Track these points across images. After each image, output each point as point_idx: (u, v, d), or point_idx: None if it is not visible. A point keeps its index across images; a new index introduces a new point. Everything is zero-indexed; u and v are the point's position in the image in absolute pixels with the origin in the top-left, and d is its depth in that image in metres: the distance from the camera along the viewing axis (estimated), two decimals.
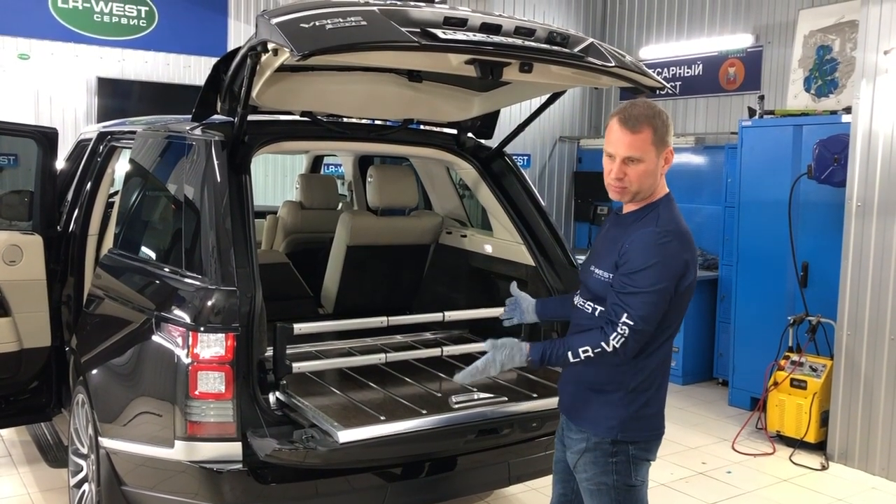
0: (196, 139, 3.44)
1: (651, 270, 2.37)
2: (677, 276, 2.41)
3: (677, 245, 2.43)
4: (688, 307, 2.57)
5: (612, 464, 2.53)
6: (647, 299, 2.37)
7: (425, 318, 3.84)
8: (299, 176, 5.50)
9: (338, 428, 2.82)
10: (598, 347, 2.42)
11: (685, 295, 2.49)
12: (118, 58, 8.57)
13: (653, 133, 2.45)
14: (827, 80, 6.48)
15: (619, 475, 2.53)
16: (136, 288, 3.61)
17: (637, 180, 2.48)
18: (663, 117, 2.49)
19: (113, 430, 3.44)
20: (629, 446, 2.53)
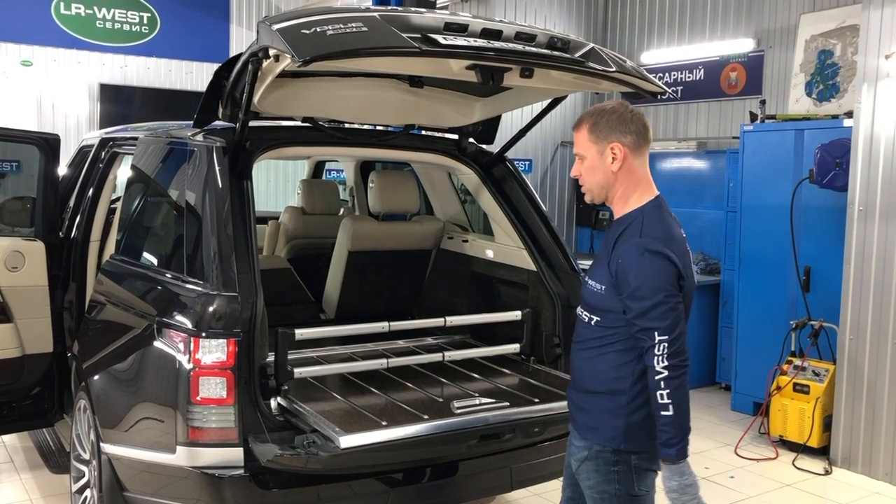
0: (198, 145, 3.45)
1: (649, 283, 2.37)
2: (673, 279, 2.40)
3: (664, 251, 2.40)
4: (689, 312, 2.55)
5: (615, 472, 2.49)
6: (662, 308, 2.35)
7: (427, 323, 3.84)
8: (301, 181, 5.51)
9: (339, 433, 2.82)
10: (658, 379, 2.35)
11: (684, 297, 2.47)
12: (120, 64, 8.60)
13: (588, 129, 2.50)
14: (828, 85, 6.48)
15: (621, 484, 2.49)
16: (138, 294, 3.61)
17: (586, 177, 2.53)
18: (607, 113, 2.49)
19: (115, 436, 3.44)
20: (632, 456, 2.48)
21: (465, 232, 4.60)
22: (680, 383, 2.37)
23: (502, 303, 4.15)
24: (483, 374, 3.78)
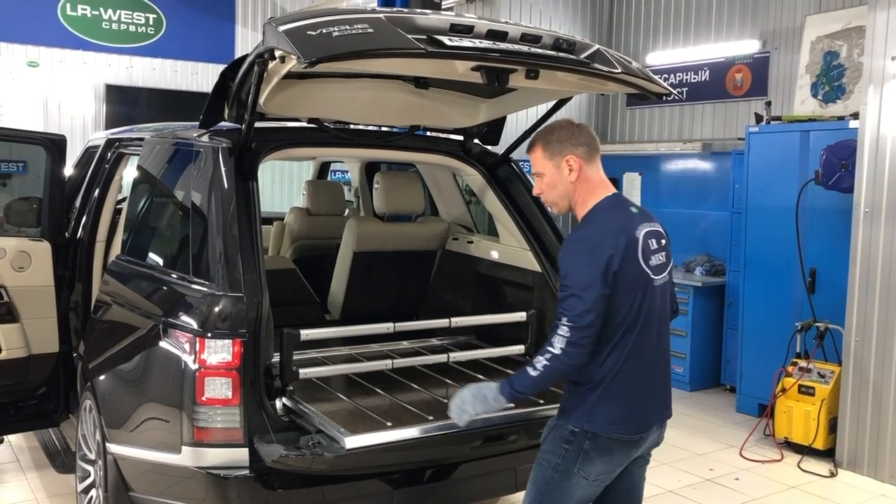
0: (203, 146, 3.45)
1: (575, 273, 2.56)
2: (602, 271, 2.53)
3: (593, 244, 2.58)
4: (643, 303, 2.62)
5: (564, 448, 2.66)
6: (578, 299, 2.53)
7: (432, 324, 3.85)
8: (306, 182, 5.52)
9: (344, 434, 2.82)
10: (549, 354, 2.56)
11: (623, 288, 2.57)
12: (126, 65, 8.61)
13: (542, 148, 2.76)
14: (834, 86, 6.47)
15: (564, 459, 2.66)
16: (144, 294, 3.62)
17: (547, 192, 2.78)
18: (557, 130, 2.75)
19: (120, 436, 3.45)
20: (586, 440, 2.62)
21: (470, 233, 4.60)
22: (559, 367, 2.57)
23: (507, 304, 4.15)
24: (488, 374, 3.78)
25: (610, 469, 2.72)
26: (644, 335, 2.65)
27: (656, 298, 2.69)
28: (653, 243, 2.68)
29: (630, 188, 8.60)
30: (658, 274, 2.69)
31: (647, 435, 2.75)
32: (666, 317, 2.81)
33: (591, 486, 2.73)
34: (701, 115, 8.15)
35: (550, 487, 2.71)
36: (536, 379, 2.59)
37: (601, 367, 2.61)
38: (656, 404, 2.77)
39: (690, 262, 7.75)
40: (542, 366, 2.57)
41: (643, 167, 8.48)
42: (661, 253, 2.71)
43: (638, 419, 2.69)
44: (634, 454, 2.77)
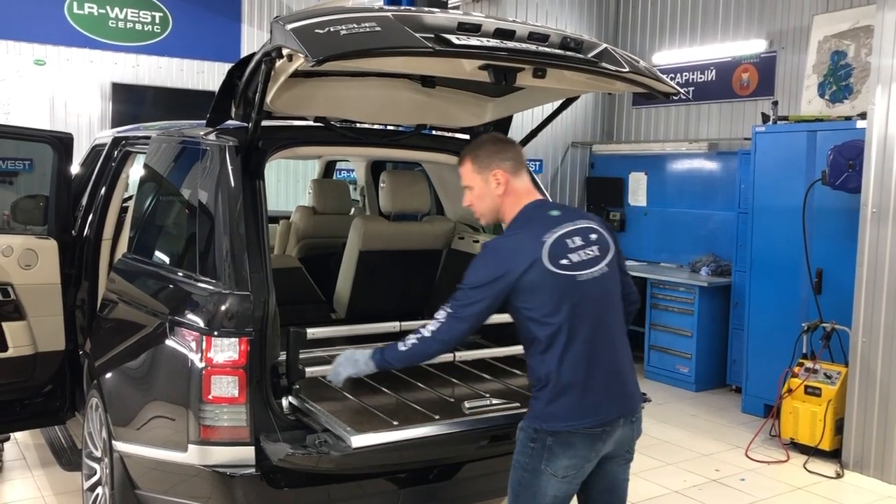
0: (210, 144, 3.45)
1: (472, 273, 2.73)
2: (496, 274, 2.68)
3: (497, 257, 2.72)
4: (574, 302, 2.69)
5: (530, 448, 2.72)
6: (464, 293, 2.71)
7: None
8: (312, 181, 5.51)
9: (350, 433, 2.82)
10: (419, 335, 2.75)
11: (540, 295, 2.67)
12: (132, 63, 8.62)
13: (471, 162, 2.89)
14: (841, 86, 6.45)
15: (530, 458, 2.72)
16: (150, 292, 3.62)
17: (476, 204, 2.93)
18: (484, 145, 2.92)
19: (126, 434, 3.46)
20: (547, 437, 2.68)
21: (476, 232, 4.59)
22: (424, 349, 2.76)
23: None
24: (494, 374, 3.78)
25: (577, 464, 2.73)
26: (583, 330, 2.70)
27: (591, 292, 2.74)
28: (574, 241, 2.75)
29: (636, 188, 8.60)
30: (586, 268, 2.75)
31: (611, 429, 2.74)
32: (612, 306, 2.83)
33: (563, 483, 2.75)
34: (707, 114, 8.13)
35: (523, 488, 2.75)
36: (403, 354, 2.78)
37: (547, 368, 2.69)
38: (612, 396, 2.75)
39: (696, 262, 7.74)
40: (410, 343, 2.76)
41: (649, 167, 8.48)
42: (590, 247, 2.78)
43: (593, 412, 2.70)
44: (602, 448, 2.76)
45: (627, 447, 2.89)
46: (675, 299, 7.45)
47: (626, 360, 2.86)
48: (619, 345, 2.84)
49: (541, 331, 2.70)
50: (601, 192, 8.98)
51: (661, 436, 6.01)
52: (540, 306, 2.69)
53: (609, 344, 2.79)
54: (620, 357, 2.83)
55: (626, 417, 2.80)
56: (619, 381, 2.80)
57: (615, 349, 2.81)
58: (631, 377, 2.87)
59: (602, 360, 2.74)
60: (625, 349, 2.87)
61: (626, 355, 2.87)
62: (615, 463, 2.90)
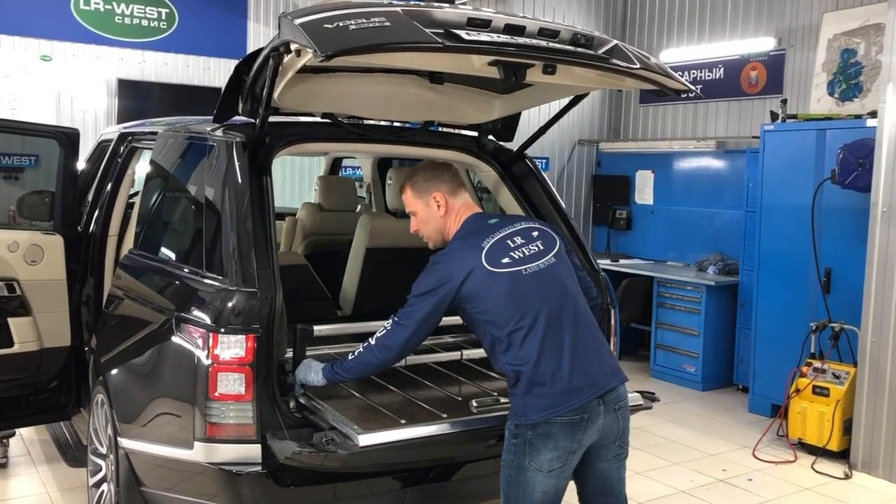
0: (217, 140, 3.43)
1: (417, 283, 2.91)
2: (436, 283, 2.85)
3: (436, 262, 2.91)
4: (523, 297, 2.79)
5: (513, 444, 2.77)
6: (409, 301, 2.91)
7: (447, 320, 3.81)
8: (318, 178, 5.49)
9: (358, 431, 2.80)
10: (366, 343, 2.95)
11: (485, 299, 2.80)
12: (138, 59, 8.60)
13: (410, 189, 3.12)
14: (851, 84, 6.40)
15: (514, 455, 2.77)
16: (156, 288, 3.60)
17: (422, 229, 3.16)
18: (420, 171, 3.12)
19: (132, 431, 3.44)
20: (527, 431, 2.72)
21: None
22: (369, 358, 2.95)
23: None
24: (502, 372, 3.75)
25: (560, 456, 2.74)
26: (540, 321, 2.76)
27: (541, 282, 2.84)
28: (515, 241, 2.90)
29: (643, 186, 8.57)
30: (531, 262, 2.87)
31: (589, 416, 2.74)
32: (568, 293, 2.89)
33: (550, 478, 2.76)
34: (715, 112, 8.10)
35: (512, 486, 2.79)
36: (350, 363, 2.97)
37: (512, 365, 2.76)
38: (582, 379, 2.75)
39: (703, 261, 7.70)
40: (357, 352, 2.96)
41: (656, 165, 8.44)
42: (532, 243, 2.92)
43: (566, 398, 2.71)
44: (583, 437, 2.75)
45: (616, 440, 2.88)
46: (682, 298, 7.42)
47: (594, 343, 2.88)
48: (583, 329, 2.86)
49: (498, 331, 2.79)
50: (607, 190, 8.94)
51: (668, 435, 5.98)
52: (491, 308, 2.80)
53: (572, 329, 2.82)
54: (586, 339, 2.84)
55: (604, 402, 2.78)
56: (587, 364, 2.80)
57: (578, 333, 2.83)
58: (602, 358, 2.87)
59: (566, 346, 2.78)
60: (590, 332, 2.89)
61: (594, 337, 2.89)
62: (605, 461, 2.89)
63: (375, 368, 3.03)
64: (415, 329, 2.89)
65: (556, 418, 2.71)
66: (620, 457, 2.92)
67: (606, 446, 2.86)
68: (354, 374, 3.03)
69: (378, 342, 2.93)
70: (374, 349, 2.94)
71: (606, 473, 2.90)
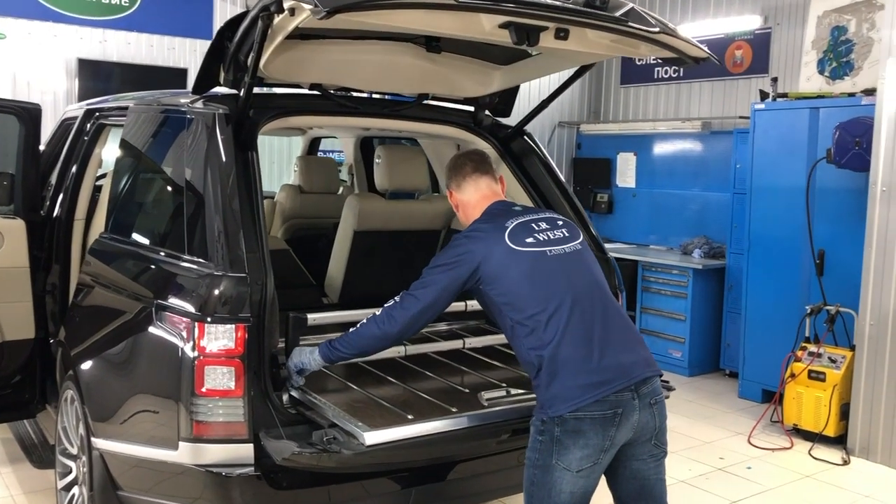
0: (198, 112, 3.15)
1: (435, 258, 2.76)
2: (455, 256, 2.68)
3: (457, 239, 2.75)
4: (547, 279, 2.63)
5: (539, 441, 2.55)
6: (423, 274, 2.73)
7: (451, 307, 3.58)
8: (298, 158, 5.22)
9: (363, 428, 2.55)
10: (372, 315, 2.75)
11: (508, 280, 2.62)
12: (99, 38, 8.20)
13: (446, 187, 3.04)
14: (842, 62, 6.26)
15: (540, 453, 2.54)
16: (132, 275, 3.32)
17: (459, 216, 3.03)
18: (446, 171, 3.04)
19: (108, 430, 3.16)
20: (555, 427, 2.50)
21: None
22: (373, 330, 2.73)
23: None
24: (504, 361, 3.53)
25: (591, 455, 2.52)
26: (565, 304, 2.58)
27: (566, 266, 2.68)
28: (539, 225, 2.76)
29: (624, 168, 8.40)
30: (556, 245, 2.72)
31: (623, 411, 2.53)
32: (595, 278, 2.74)
33: (579, 479, 2.54)
34: (699, 93, 7.94)
35: (536, 487, 2.57)
36: (350, 337, 2.76)
37: (535, 351, 2.55)
38: (612, 365, 2.55)
39: (688, 245, 7.55)
40: (360, 324, 2.75)
41: (638, 147, 8.27)
42: (557, 230, 2.78)
43: (595, 385, 2.50)
44: (616, 435, 2.54)
45: (652, 437, 2.66)
46: (667, 282, 7.27)
47: (626, 332, 2.69)
48: (613, 317, 2.68)
49: (518, 314, 2.59)
50: (588, 172, 8.76)
51: None
52: (512, 290, 2.61)
53: (601, 317, 2.63)
54: (616, 328, 2.65)
55: (639, 396, 2.57)
56: (618, 352, 2.60)
57: (608, 321, 2.64)
58: (634, 348, 2.67)
59: (595, 332, 2.58)
60: (621, 320, 2.71)
61: (625, 327, 2.71)
62: (641, 460, 2.68)
63: (377, 342, 2.77)
64: (427, 302, 2.69)
65: (587, 412, 2.49)
66: (657, 456, 2.70)
67: (641, 444, 2.64)
68: (355, 349, 2.79)
69: (384, 312, 2.73)
70: (378, 320, 2.73)
71: (643, 474, 2.68)
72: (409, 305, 2.70)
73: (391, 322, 2.70)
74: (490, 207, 2.86)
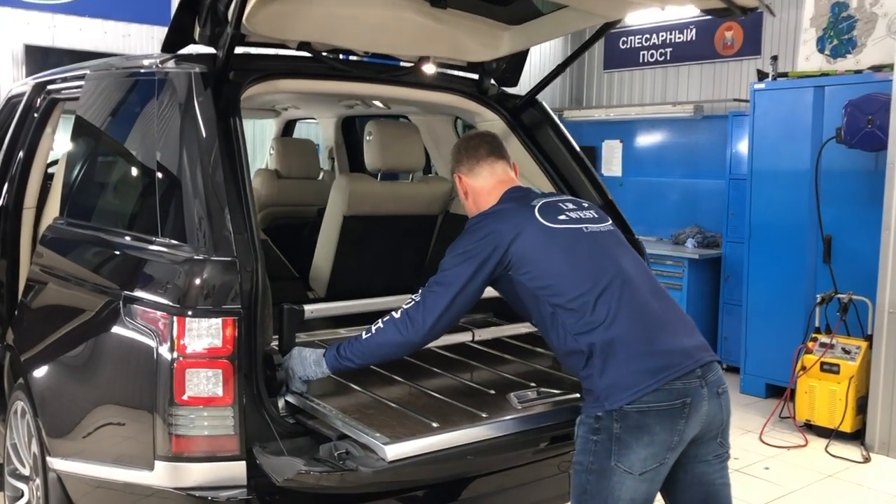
0: (171, 73, 2.69)
1: (453, 246, 2.41)
2: (482, 236, 2.35)
3: (477, 222, 2.43)
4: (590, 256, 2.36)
5: (593, 442, 2.21)
6: (444, 267, 2.36)
7: None
8: (274, 140, 4.76)
9: (381, 440, 2.12)
10: (387, 317, 2.36)
11: (525, 257, 2.32)
12: (48, 24, 7.64)
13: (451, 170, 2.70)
14: (843, 40, 5.97)
15: (595, 456, 2.20)
16: (93, 265, 2.85)
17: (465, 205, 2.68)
18: (452, 153, 2.70)
19: (66, 447, 2.69)
20: (613, 423, 2.16)
21: None
22: (390, 336, 2.33)
23: None
24: (520, 356, 3.13)
25: (656, 454, 2.17)
26: (614, 282, 2.29)
27: (604, 243, 2.42)
28: (566, 205, 2.50)
29: (610, 156, 8.06)
30: (592, 224, 2.46)
31: (692, 401, 2.18)
32: (634, 257, 2.48)
33: (641, 483, 2.19)
34: (687, 77, 7.63)
35: (590, 496, 2.22)
36: (364, 344, 2.36)
37: (584, 338, 2.23)
38: (678, 352, 2.23)
39: (679, 235, 7.23)
40: (375, 328, 2.36)
41: (624, 134, 7.93)
42: (584, 211, 2.51)
43: (658, 372, 2.16)
44: (685, 429, 2.19)
45: (718, 434, 2.31)
46: (661, 273, 6.90)
47: (678, 311, 2.41)
48: (664, 298, 2.39)
49: (558, 298, 2.27)
50: None
51: None
52: (549, 271, 2.31)
53: (651, 293, 2.33)
54: (669, 306, 2.37)
55: (707, 383, 2.22)
56: (676, 331, 2.28)
57: (660, 299, 2.33)
58: (690, 329, 2.36)
59: (649, 310, 2.29)
60: (671, 303, 2.40)
61: (676, 306, 2.42)
62: (705, 462, 2.33)
63: (397, 350, 2.39)
64: (451, 299, 2.31)
65: (651, 404, 2.14)
66: (722, 457, 2.36)
67: (707, 443, 2.29)
68: (369, 360, 2.41)
69: (403, 315, 2.34)
70: (399, 324, 2.33)
71: (708, 478, 2.33)
72: (431, 304, 2.32)
73: (413, 326, 2.32)
74: (507, 192, 2.55)
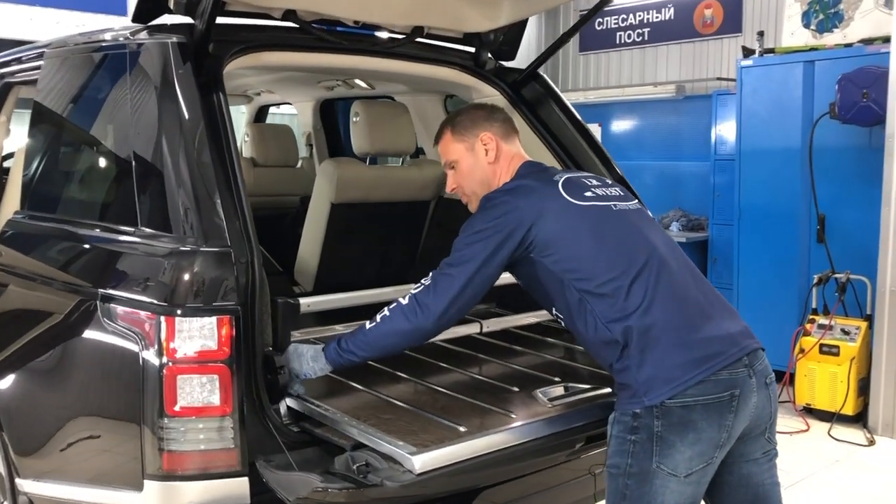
0: (145, 44, 2.41)
1: (467, 225, 2.18)
2: (500, 213, 2.13)
3: (494, 198, 2.20)
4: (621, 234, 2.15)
5: (631, 442, 2.00)
6: (458, 247, 2.15)
7: None
8: (249, 126, 4.48)
9: (405, 448, 1.87)
10: (394, 304, 2.15)
11: (550, 238, 2.10)
12: (27, 16, 7.28)
13: (451, 132, 2.38)
14: (829, 14, 5.85)
15: (633, 458, 2.00)
16: (61, 262, 2.56)
17: (464, 183, 2.36)
18: (466, 111, 2.44)
19: (38, 467, 2.41)
20: (654, 420, 1.96)
21: None
22: (398, 327, 2.11)
23: None
24: (535, 348, 2.91)
25: (704, 452, 1.98)
26: (651, 264, 2.08)
27: (635, 222, 2.22)
28: (590, 181, 2.30)
29: None
30: (620, 201, 2.25)
31: (741, 392, 1.99)
32: (672, 242, 2.27)
33: (687, 486, 1.99)
34: (665, 57, 7.46)
35: (629, 501, 2.01)
36: (368, 335, 2.14)
37: (619, 319, 2.02)
38: (724, 339, 2.03)
39: (663, 219, 7.06)
40: (380, 317, 2.15)
41: (602, 117, 7.74)
42: (609, 188, 2.31)
43: (702, 363, 1.97)
44: (734, 424, 2.00)
45: (766, 429, 2.13)
46: None
47: (718, 295, 2.21)
48: (701, 277, 2.21)
49: (589, 283, 2.06)
50: None
51: None
52: (577, 253, 2.10)
53: (689, 276, 2.16)
54: (709, 290, 2.18)
55: (755, 373, 2.03)
56: (720, 317, 2.08)
57: (699, 282, 2.17)
58: (733, 314, 2.16)
59: (689, 293, 2.09)
60: (710, 287, 2.22)
61: (714, 290, 2.22)
62: (753, 460, 2.14)
63: (405, 339, 2.15)
64: (465, 282, 2.08)
65: (696, 397, 1.93)
66: (770, 454, 2.18)
67: (754, 439, 2.10)
68: (375, 351, 2.17)
69: (412, 301, 2.11)
70: (407, 310, 2.10)
71: (757, 479, 2.14)
72: (443, 288, 2.09)
73: (424, 312, 2.08)
74: (524, 166, 2.34)
